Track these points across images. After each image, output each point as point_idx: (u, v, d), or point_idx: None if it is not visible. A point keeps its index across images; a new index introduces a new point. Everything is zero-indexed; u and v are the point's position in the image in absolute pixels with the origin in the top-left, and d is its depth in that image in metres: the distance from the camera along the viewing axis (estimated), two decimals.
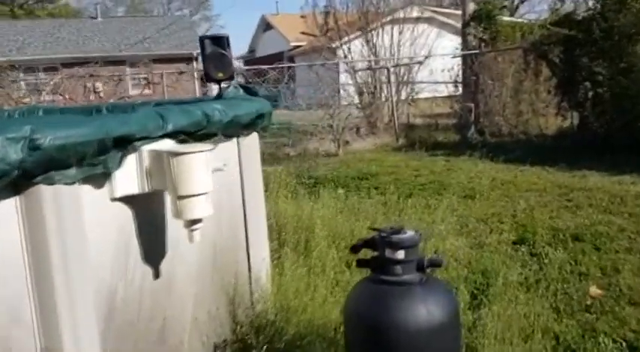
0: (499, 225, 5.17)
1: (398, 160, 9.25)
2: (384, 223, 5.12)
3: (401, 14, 13.07)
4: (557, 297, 3.61)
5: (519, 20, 13.67)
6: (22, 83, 24.18)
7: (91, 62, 25.61)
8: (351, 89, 12.63)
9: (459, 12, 13.73)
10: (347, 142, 11.16)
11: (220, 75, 9.67)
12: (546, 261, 4.17)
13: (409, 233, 2.41)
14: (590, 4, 9.09)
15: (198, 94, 27.63)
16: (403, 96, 12.87)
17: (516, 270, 3.99)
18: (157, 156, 2.25)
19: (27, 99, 10.13)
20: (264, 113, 3.25)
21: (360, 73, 13.16)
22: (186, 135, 2.54)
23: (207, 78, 9.49)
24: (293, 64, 14.61)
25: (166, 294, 2.53)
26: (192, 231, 2.31)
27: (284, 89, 11.49)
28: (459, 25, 13.53)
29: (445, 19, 16.71)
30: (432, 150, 10.24)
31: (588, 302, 3.55)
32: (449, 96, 13.12)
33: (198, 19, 59.51)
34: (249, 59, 35.67)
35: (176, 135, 2.46)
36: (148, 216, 2.39)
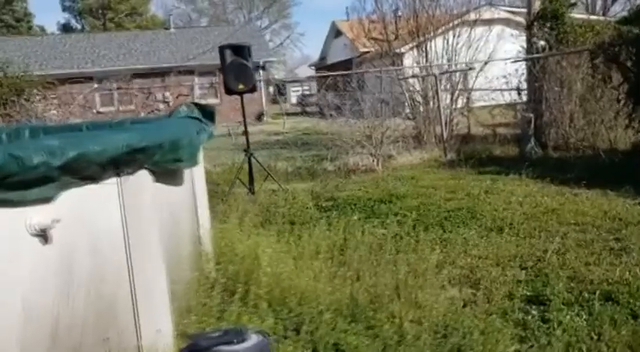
0: (517, 273, 4.18)
1: (437, 179, 8.27)
2: (373, 270, 4.29)
3: (456, 21, 11.94)
4: None
5: (594, 18, 12.21)
6: (97, 94, 25.11)
7: (162, 72, 26.22)
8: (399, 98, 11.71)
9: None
10: (390, 156, 10.26)
11: (241, 86, 9.00)
12: (558, 331, 3.18)
13: (249, 341, 1.63)
14: None
15: (264, 104, 27.50)
16: (458, 104, 11.77)
17: (511, 345, 3.04)
18: None
19: (54, 112, 10.05)
20: (149, 146, 2.54)
21: (412, 81, 12.19)
22: None
23: (227, 90, 8.85)
24: (332, 73, 13.85)
25: None
26: None
27: (322, 100, 10.71)
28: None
29: (512, 17, 15.28)
30: (484, 166, 9.15)
31: None
32: (510, 105, 11.89)
33: (278, 28, 60.25)
34: (321, 66, 35.28)
35: None
36: None
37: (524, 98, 11.45)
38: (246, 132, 8.27)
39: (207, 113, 3.92)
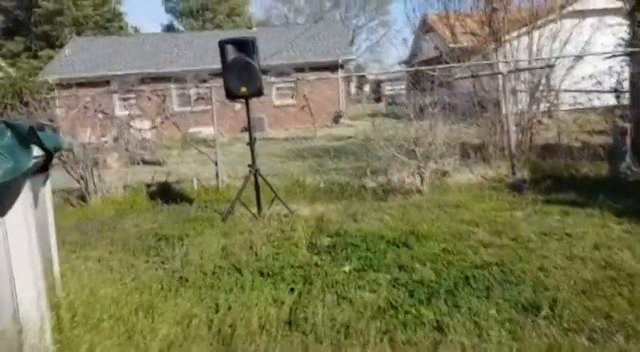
0: None
1: (488, 209, 6.40)
2: None
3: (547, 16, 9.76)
4: None
5: None
6: (173, 92, 24.87)
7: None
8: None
9: None
10: (445, 173, 8.44)
11: (244, 89, 7.43)
12: None
13: None
14: None
15: (342, 104, 25.91)
16: (539, 108, 9.62)
17: None
18: None
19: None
20: None
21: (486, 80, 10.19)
22: None
23: (228, 93, 7.33)
24: (393, 71, 12.02)
25: None
26: None
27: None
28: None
29: (610, 6, 12.62)
30: (559, 190, 7.12)
31: None
32: (609, 109, 9.58)
33: (375, 25, 58.62)
34: (412, 63, 33.20)
35: None
36: None
37: (624, 102, 9.14)
38: (251, 145, 6.86)
39: (22, 136, 2.55)
